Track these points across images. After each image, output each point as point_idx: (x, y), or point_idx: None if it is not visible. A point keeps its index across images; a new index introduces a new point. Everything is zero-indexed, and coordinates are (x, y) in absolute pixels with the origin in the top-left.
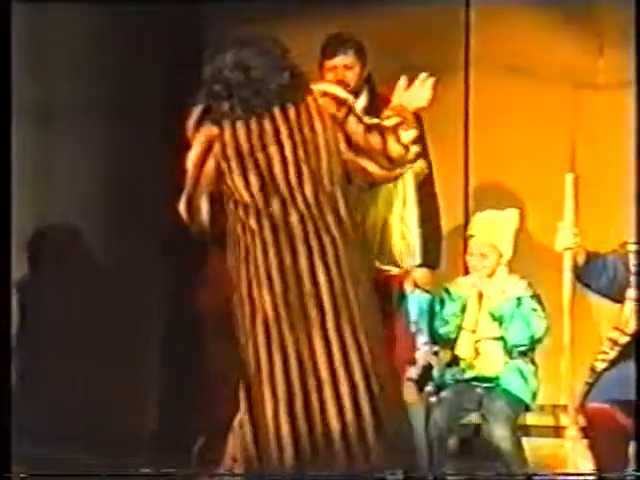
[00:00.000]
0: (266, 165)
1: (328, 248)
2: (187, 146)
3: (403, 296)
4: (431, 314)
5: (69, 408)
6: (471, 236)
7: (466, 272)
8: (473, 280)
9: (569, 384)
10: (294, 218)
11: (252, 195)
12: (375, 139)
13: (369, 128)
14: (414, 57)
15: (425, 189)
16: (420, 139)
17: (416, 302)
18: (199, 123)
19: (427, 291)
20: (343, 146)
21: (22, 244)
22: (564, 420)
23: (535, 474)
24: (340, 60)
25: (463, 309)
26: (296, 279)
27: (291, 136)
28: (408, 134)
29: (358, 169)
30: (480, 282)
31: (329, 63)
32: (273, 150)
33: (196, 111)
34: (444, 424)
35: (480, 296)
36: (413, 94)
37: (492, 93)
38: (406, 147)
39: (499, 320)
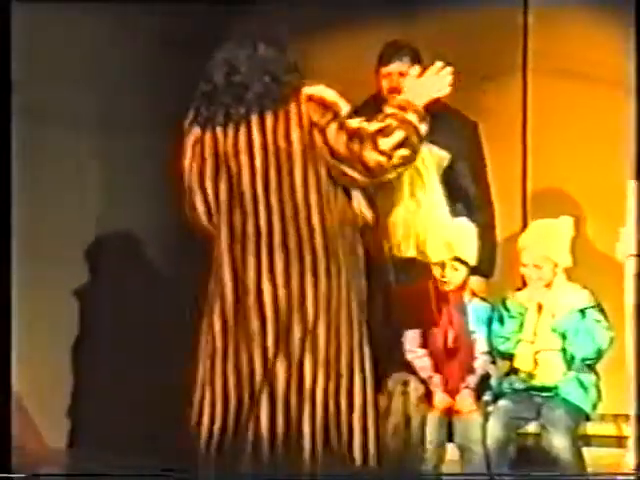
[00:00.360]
0: (236, 173)
1: (278, 264)
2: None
3: (461, 305)
4: (489, 323)
5: (128, 413)
6: (523, 247)
7: (524, 281)
8: (530, 292)
9: (631, 393)
10: (251, 230)
11: (218, 202)
12: (355, 146)
13: (351, 135)
14: (472, 61)
15: (481, 196)
16: (475, 147)
17: (474, 311)
18: (191, 123)
19: (484, 300)
20: (325, 153)
21: (84, 250)
22: (626, 430)
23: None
24: (395, 67)
25: (522, 324)
26: (244, 292)
27: (264, 146)
28: (388, 140)
29: (340, 174)
30: (537, 294)
31: (384, 70)
32: (244, 159)
33: (191, 110)
34: (502, 433)
35: (539, 308)
36: (426, 83)
37: (550, 97)
38: (386, 154)
39: (563, 335)
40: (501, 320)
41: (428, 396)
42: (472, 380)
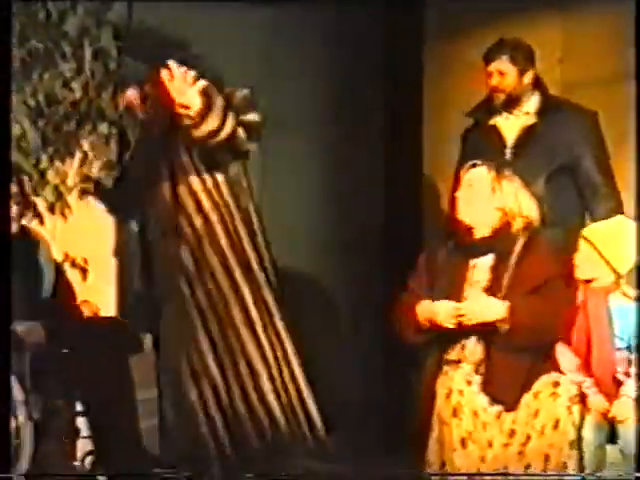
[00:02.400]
0: None
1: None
2: None
3: (605, 308)
4: None
5: None
6: None
7: None
8: None
9: None
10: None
11: None
12: None
13: None
14: (610, 63)
15: (608, 184)
16: (597, 138)
17: (627, 314)
18: None
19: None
20: None
21: None
22: None
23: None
24: (494, 66)
25: None
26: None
27: None
28: None
29: None
30: None
31: (488, 68)
32: None
33: None
34: None
35: None
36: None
37: None
38: None
39: None
40: None
41: (582, 399)
42: (630, 388)
